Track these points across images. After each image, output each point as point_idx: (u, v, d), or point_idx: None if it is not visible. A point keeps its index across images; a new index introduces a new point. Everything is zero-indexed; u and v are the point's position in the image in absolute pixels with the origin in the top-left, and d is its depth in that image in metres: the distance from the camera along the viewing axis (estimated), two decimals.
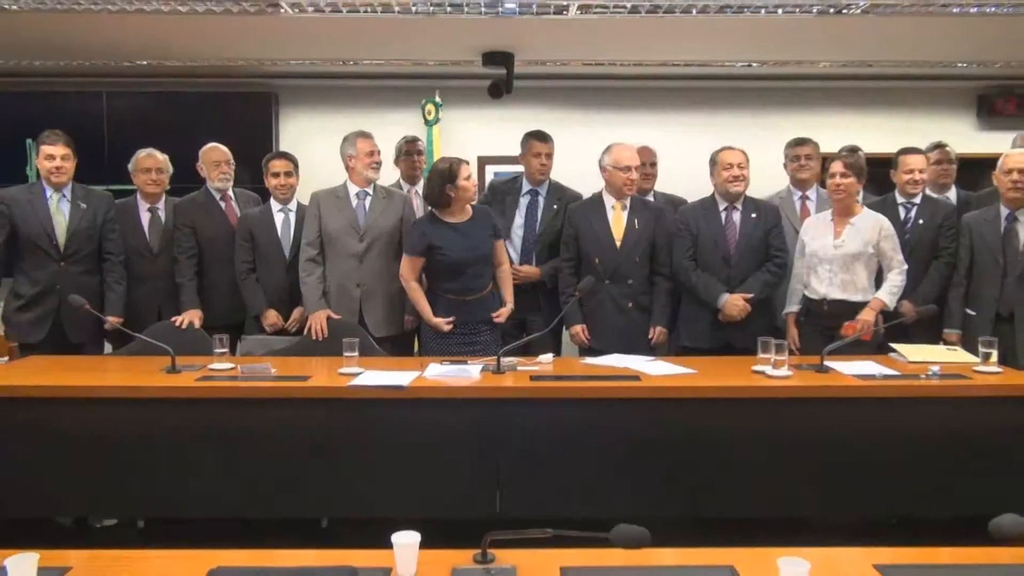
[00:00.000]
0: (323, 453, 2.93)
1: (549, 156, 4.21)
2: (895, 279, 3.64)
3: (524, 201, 4.24)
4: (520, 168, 4.34)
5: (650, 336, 3.82)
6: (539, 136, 4.24)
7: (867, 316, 3.57)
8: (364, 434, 2.94)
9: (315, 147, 5.22)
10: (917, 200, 3.97)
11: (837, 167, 3.67)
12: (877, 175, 4.29)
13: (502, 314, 3.71)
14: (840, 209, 3.72)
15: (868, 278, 3.67)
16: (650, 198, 4.33)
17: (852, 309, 3.61)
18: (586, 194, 4.24)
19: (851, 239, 3.66)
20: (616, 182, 3.87)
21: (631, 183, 3.84)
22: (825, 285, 3.68)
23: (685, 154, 4.76)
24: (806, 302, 3.79)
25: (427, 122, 5.55)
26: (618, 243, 3.85)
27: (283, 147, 5.43)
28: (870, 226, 3.66)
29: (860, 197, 4.33)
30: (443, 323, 3.62)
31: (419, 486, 2.93)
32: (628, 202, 3.90)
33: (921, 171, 3.95)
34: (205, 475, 2.93)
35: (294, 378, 3.07)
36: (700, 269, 3.83)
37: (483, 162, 5.42)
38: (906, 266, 3.66)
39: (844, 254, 3.65)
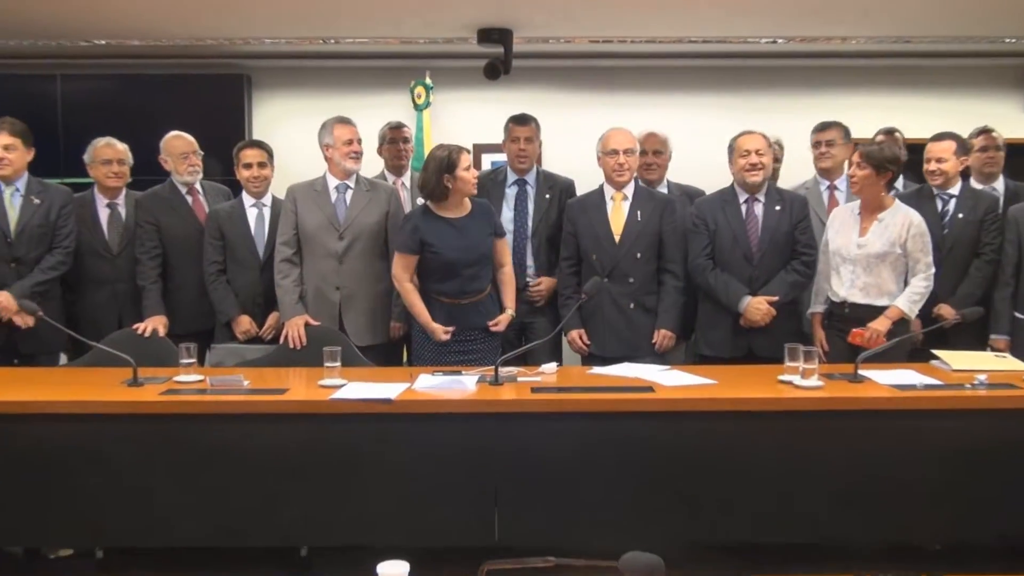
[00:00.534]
0: (302, 475, 2.92)
1: (529, 140, 4.22)
2: (918, 285, 3.62)
3: (511, 193, 4.24)
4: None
5: (654, 340, 3.81)
6: (517, 119, 4.25)
7: (879, 325, 3.55)
8: (347, 453, 2.93)
9: (291, 135, 5.22)
10: (955, 191, 3.97)
11: (855, 157, 3.69)
12: (913, 162, 4.29)
13: (500, 322, 3.71)
14: (865, 202, 3.72)
15: (896, 281, 3.66)
16: (663, 189, 4.32)
17: (875, 315, 3.61)
18: (588, 182, 4.24)
19: (876, 237, 3.65)
20: (605, 169, 3.89)
21: (620, 168, 3.84)
22: (846, 287, 3.69)
23: (703, 141, 4.76)
24: (830, 304, 3.80)
25: (416, 106, 5.55)
26: (617, 237, 3.85)
27: (256, 135, 5.45)
28: (899, 222, 3.65)
29: (901, 185, 4.35)
30: (441, 331, 3.62)
31: (408, 511, 2.92)
32: (630, 192, 3.91)
33: (941, 160, 3.93)
34: (170, 500, 2.92)
35: (269, 391, 3.07)
36: (719, 269, 3.83)
37: (478, 151, 5.43)
38: (933, 270, 3.64)
39: (868, 255, 3.65)
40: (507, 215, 4.20)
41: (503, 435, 2.93)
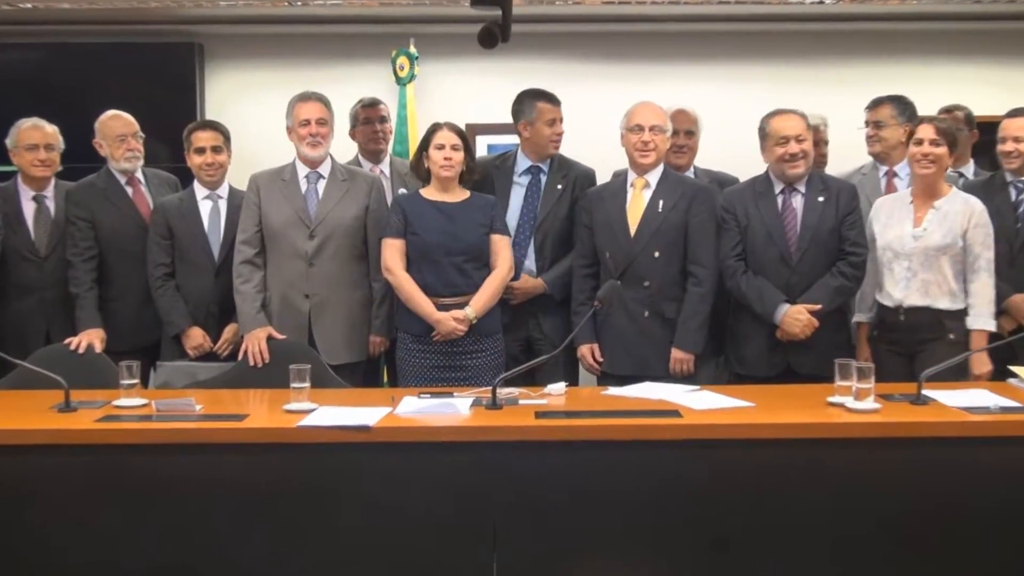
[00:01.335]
0: (264, 515, 2.92)
1: (561, 122, 4.23)
2: (985, 290, 3.63)
3: (523, 182, 4.25)
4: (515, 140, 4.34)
5: (671, 364, 3.79)
6: (550, 97, 4.25)
7: (982, 368, 3.57)
8: (318, 490, 2.93)
9: (252, 114, 5.23)
10: None
11: (926, 132, 3.68)
12: (987, 144, 4.30)
13: (443, 319, 3.68)
14: (923, 188, 3.73)
15: (956, 278, 3.68)
16: (690, 174, 4.32)
17: (937, 320, 3.63)
18: (602, 171, 4.24)
19: (936, 227, 3.67)
20: (628, 148, 3.90)
21: (644, 148, 3.84)
22: (901, 288, 3.70)
23: (736, 120, 4.75)
24: (879, 310, 3.80)
25: (399, 80, 5.56)
26: (632, 231, 3.85)
27: (210, 114, 5.46)
28: (959, 210, 3.67)
29: (971, 171, 4.35)
30: (449, 319, 3.67)
31: (390, 556, 2.92)
32: (654, 180, 3.90)
33: (1020, 140, 3.95)
34: (110, 545, 2.92)
35: (226, 417, 3.07)
36: (751, 272, 3.83)
37: (473, 131, 5.40)
38: (993, 266, 3.66)
39: (926, 247, 3.66)
40: (515, 209, 4.18)
41: (502, 468, 2.92)
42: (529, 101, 4.25)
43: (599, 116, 4.80)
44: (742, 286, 3.80)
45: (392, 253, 3.78)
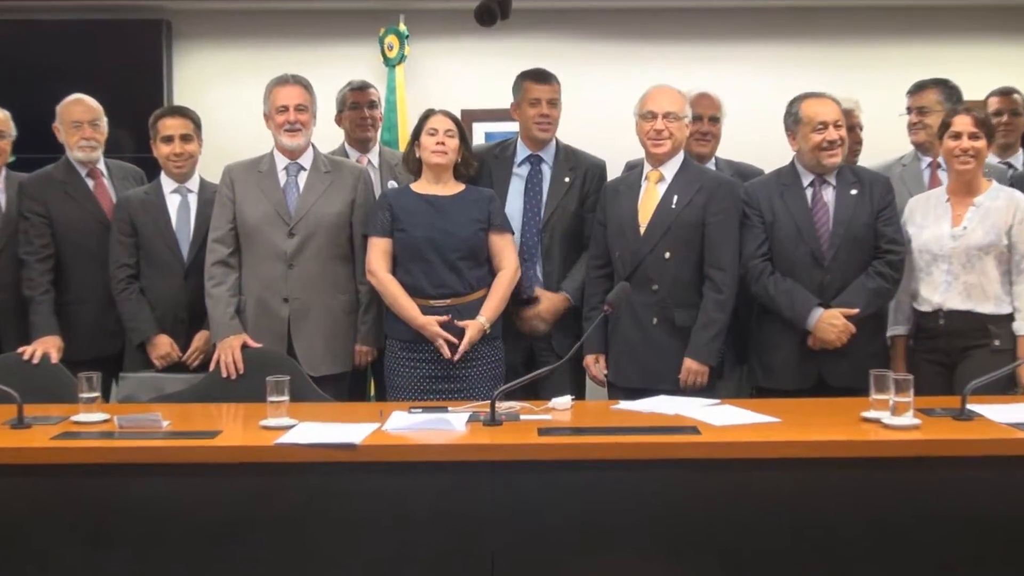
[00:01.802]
0: (238, 541, 2.92)
1: (553, 104, 4.21)
2: None
3: (522, 173, 4.25)
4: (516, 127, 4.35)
5: (681, 375, 3.78)
6: (535, 75, 4.25)
7: None
8: (297, 514, 2.92)
9: (225, 99, 5.24)
10: None
11: (963, 123, 3.69)
12: None
13: (467, 330, 3.71)
14: (959, 184, 3.74)
15: (1002, 280, 3.69)
16: (711, 166, 4.31)
17: (980, 325, 3.63)
18: (614, 164, 4.24)
19: (976, 225, 3.67)
20: (641, 137, 3.90)
21: (657, 137, 3.83)
22: (941, 292, 3.70)
23: (761, 105, 4.75)
24: (916, 317, 3.80)
25: (387, 61, 5.56)
26: (641, 228, 3.85)
27: (179, 99, 5.45)
28: (1002, 206, 3.68)
29: (1021, 160, 4.35)
30: (434, 322, 3.68)
31: None
32: (671, 170, 3.89)
33: None
34: (65, 574, 2.91)
35: (196, 434, 3.06)
36: (779, 273, 3.82)
37: (469, 118, 5.42)
38: None
39: (968, 247, 3.67)
40: (515, 204, 4.18)
41: (502, 491, 2.92)
42: (518, 81, 4.28)
43: (610, 102, 4.81)
44: (770, 289, 3.80)
45: (376, 253, 3.80)
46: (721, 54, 5.68)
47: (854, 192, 3.83)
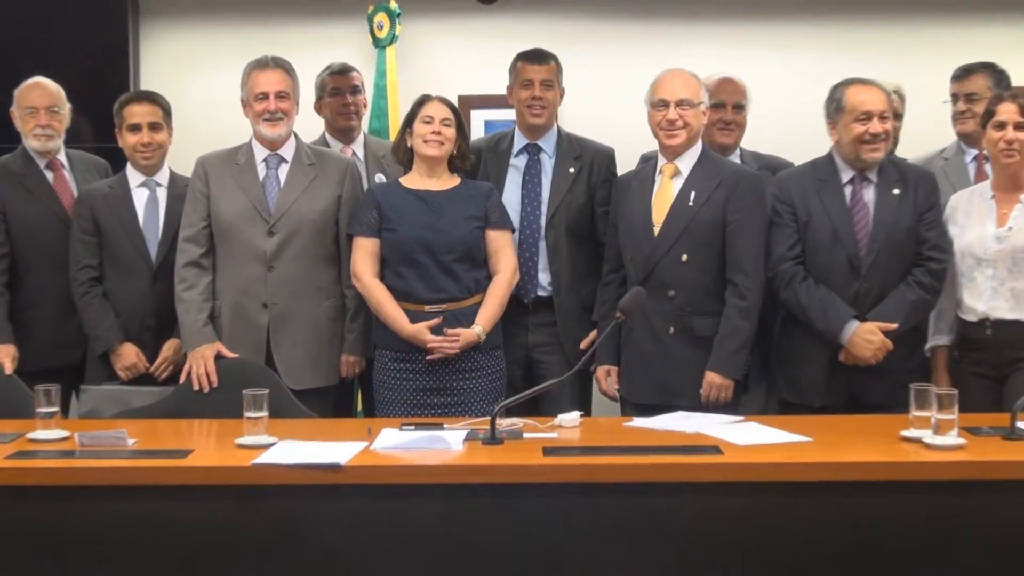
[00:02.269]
0: (211, 573, 2.91)
1: (548, 86, 4.23)
2: None
3: (519, 164, 4.26)
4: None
5: (703, 390, 3.78)
6: (529, 56, 4.27)
7: None
8: (276, 542, 2.92)
9: (198, 84, 5.23)
10: None
11: (1008, 112, 3.69)
12: None
13: (440, 342, 3.73)
14: (1005, 180, 3.74)
15: None
16: (735, 159, 4.31)
17: None
18: (622, 155, 4.23)
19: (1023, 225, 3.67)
20: (653, 128, 3.90)
21: (671, 127, 3.82)
22: (986, 299, 3.71)
23: (790, 91, 4.77)
24: (960, 327, 3.80)
25: (377, 42, 5.56)
26: (656, 229, 3.85)
27: (146, 84, 5.44)
28: None
29: None
30: (424, 329, 3.70)
31: None
32: (687, 165, 3.88)
33: None
34: None
35: (165, 453, 3.06)
36: (811, 279, 3.82)
37: (466, 105, 5.41)
38: None
39: (1014, 249, 3.68)
40: (512, 198, 4.19)
41: (503, 516, 2.92)
42: (513, 63, 4.31)
43: (621, 87, 4.80)
44: (801, 297, 3.78)
45: (362, 255, 3.81)
46: (742, 35, 5.65)
47: (897, 191, 3.82)
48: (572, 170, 4.21)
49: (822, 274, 3.82)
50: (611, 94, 5.20)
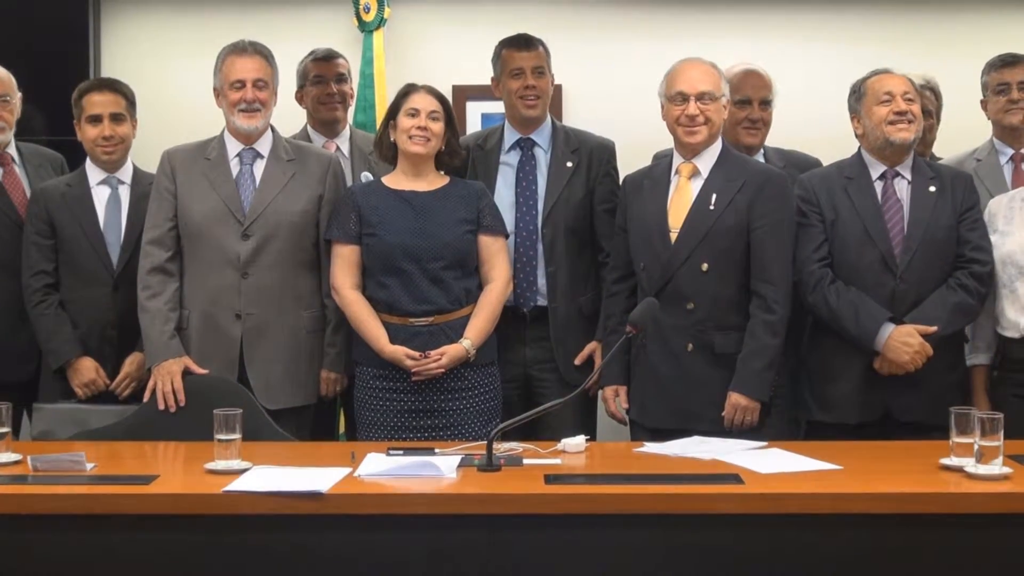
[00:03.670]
0: None
1: (539, 73, 4.24)
2: None
3: (512, 160, 4.27)
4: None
5: (726, 412, 3.76)
6: (514, 42, 4.29)
7: None
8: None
9: (166, 71, 5.22)
10: None
11: None
12: None
13: (424, 358, 3.73)
14: None
15: None
16: (758, 157, 4.30)
17: None
18: (630, 152, 4.22)
19: None
20: (669, 124, 3.90)
21: (690, 124, 3.81)
22: None
23: (816, 85, 4.76)
24: (1001, 345, 3.82)
25: (363, 26, 5.55)
26: (673, 235, 3.84)
27: (108, 71, 5.44)
28: None
29: None
30: (402, 353, 3.70)
31: None
32: (707, 163, 3.88)
33: None
34: None
35: (127, 479, 3.06)
36: (842, 281, 3.82)
37: (460, 96, 5.44)
38: None
39: None
40: (506, 197, 4.20)
41: (500, 550, 2.91)
42: (496, 52, 4.33)
43: (630, 80, 4.79)
44: (831, 300, 3.78)
45: (341, 265, 3.82)
46: (765, 25, 5.65)
47: (932, 189, 3.83)
48: (569, 164, 4.22)
49: (853, 276, 3.82)
50: (617, 86, 5.19)
